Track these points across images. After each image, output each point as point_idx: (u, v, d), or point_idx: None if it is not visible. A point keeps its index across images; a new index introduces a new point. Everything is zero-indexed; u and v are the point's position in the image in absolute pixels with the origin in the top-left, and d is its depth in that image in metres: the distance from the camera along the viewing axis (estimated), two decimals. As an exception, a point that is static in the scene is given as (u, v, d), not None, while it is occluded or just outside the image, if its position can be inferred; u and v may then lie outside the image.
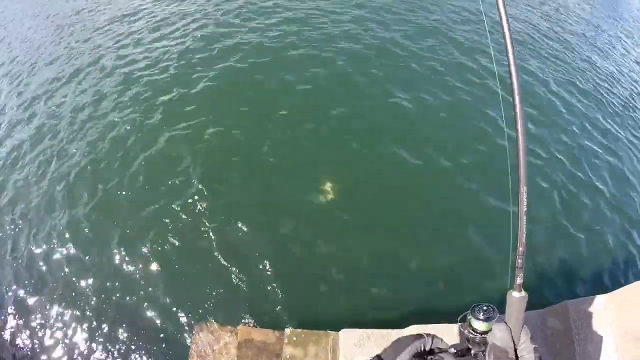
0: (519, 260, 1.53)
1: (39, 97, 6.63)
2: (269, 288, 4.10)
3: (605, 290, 4.35)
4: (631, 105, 8.02)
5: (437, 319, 3.28)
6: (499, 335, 1.50)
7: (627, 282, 4.51)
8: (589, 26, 10.89)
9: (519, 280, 1.54)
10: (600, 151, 6.38)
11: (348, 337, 3.33)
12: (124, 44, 7.55)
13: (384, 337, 3.28)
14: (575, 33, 10.08)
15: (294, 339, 3.45)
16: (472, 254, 4.43)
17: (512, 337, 1.51)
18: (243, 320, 3.84)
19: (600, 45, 10.02)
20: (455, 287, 4.20)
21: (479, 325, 1.49)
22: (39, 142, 5.78)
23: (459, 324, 1.56)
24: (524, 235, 1.50)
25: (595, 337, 2.91)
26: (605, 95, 7.92)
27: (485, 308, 1.50)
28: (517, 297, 1.53)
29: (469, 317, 1.52)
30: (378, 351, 3.19)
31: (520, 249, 1.51)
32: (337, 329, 3.45)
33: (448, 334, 3.14)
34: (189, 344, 3.66)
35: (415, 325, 3.25)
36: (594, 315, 2.99)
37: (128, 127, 5.74)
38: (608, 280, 4.71)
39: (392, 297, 4.11)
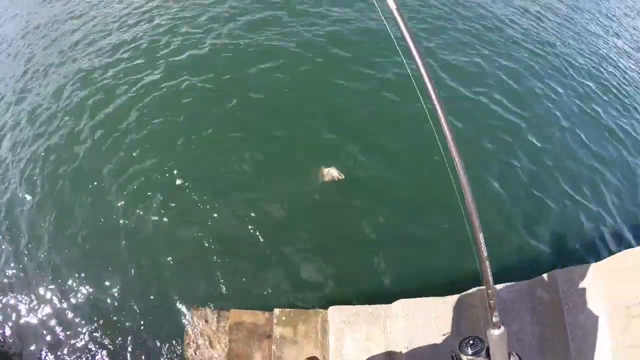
0: (491, 301, 1.62)
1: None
2: (257, 271, 4.07)
3: (591, 260, 4.38)
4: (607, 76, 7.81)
5: (421, 293, 3.33)
6: None
7: (611, 253, 4.53)
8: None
9: (495, 319, 1.62)
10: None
11: (337, 315, 3.35)
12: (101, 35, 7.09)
13: (372, 314, 3.30)
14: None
15: (283, 319, 3.47)
16: (456, 229, 4.38)
17: None
18: (234, 304, 3.80)
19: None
20: (439, 262, 4.22)
21: None
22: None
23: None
24: (490, 277, 1.59)
25: (585, 306, 2.90)
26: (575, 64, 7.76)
27: (472, 342, 1.61)
28: (497, 334, 1.61)
29: (458, 353, 1.64)
30: (367, 328, 3.19)
31: (489, 291, 1.61)
32: (325, 308, 3.46)
33: (432, 307, 3.14)
34: (181, 330, 3.66)
35: (401, 300, 3.25)
36: (583, 284, 2.97)
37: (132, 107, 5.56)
38: (594, 250, 4.74)
39: (377, 273, 4.11)
